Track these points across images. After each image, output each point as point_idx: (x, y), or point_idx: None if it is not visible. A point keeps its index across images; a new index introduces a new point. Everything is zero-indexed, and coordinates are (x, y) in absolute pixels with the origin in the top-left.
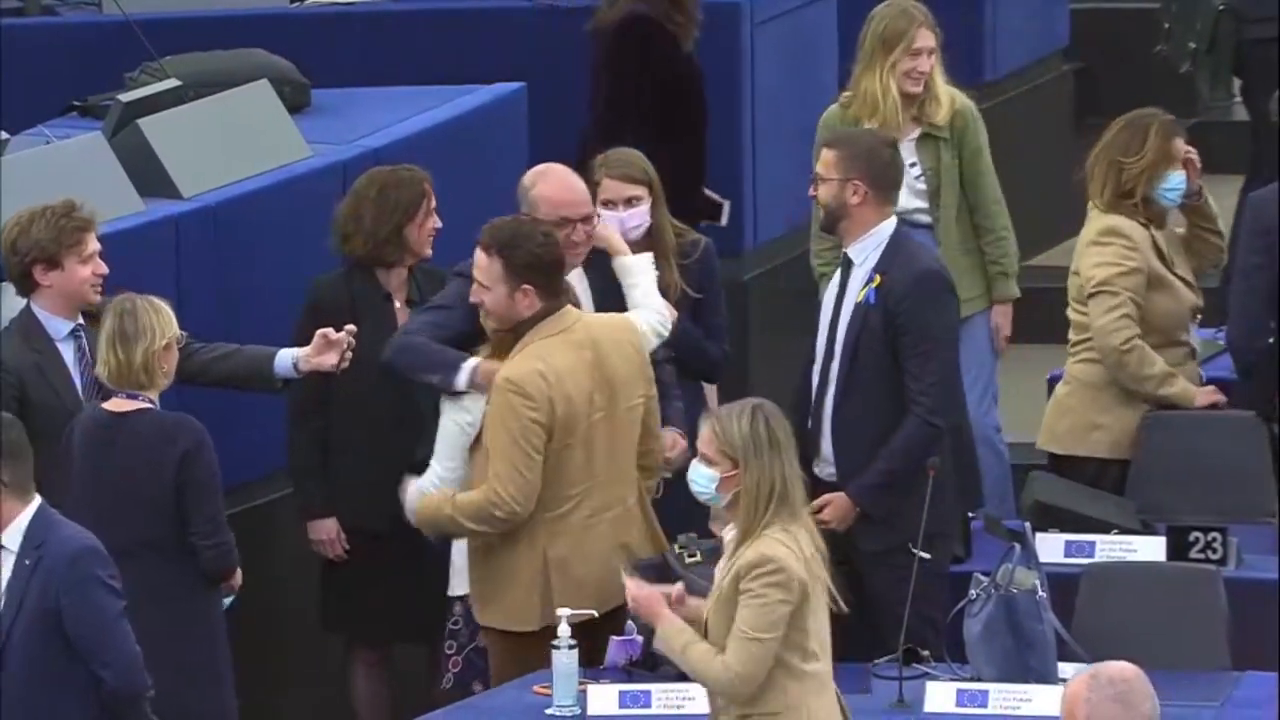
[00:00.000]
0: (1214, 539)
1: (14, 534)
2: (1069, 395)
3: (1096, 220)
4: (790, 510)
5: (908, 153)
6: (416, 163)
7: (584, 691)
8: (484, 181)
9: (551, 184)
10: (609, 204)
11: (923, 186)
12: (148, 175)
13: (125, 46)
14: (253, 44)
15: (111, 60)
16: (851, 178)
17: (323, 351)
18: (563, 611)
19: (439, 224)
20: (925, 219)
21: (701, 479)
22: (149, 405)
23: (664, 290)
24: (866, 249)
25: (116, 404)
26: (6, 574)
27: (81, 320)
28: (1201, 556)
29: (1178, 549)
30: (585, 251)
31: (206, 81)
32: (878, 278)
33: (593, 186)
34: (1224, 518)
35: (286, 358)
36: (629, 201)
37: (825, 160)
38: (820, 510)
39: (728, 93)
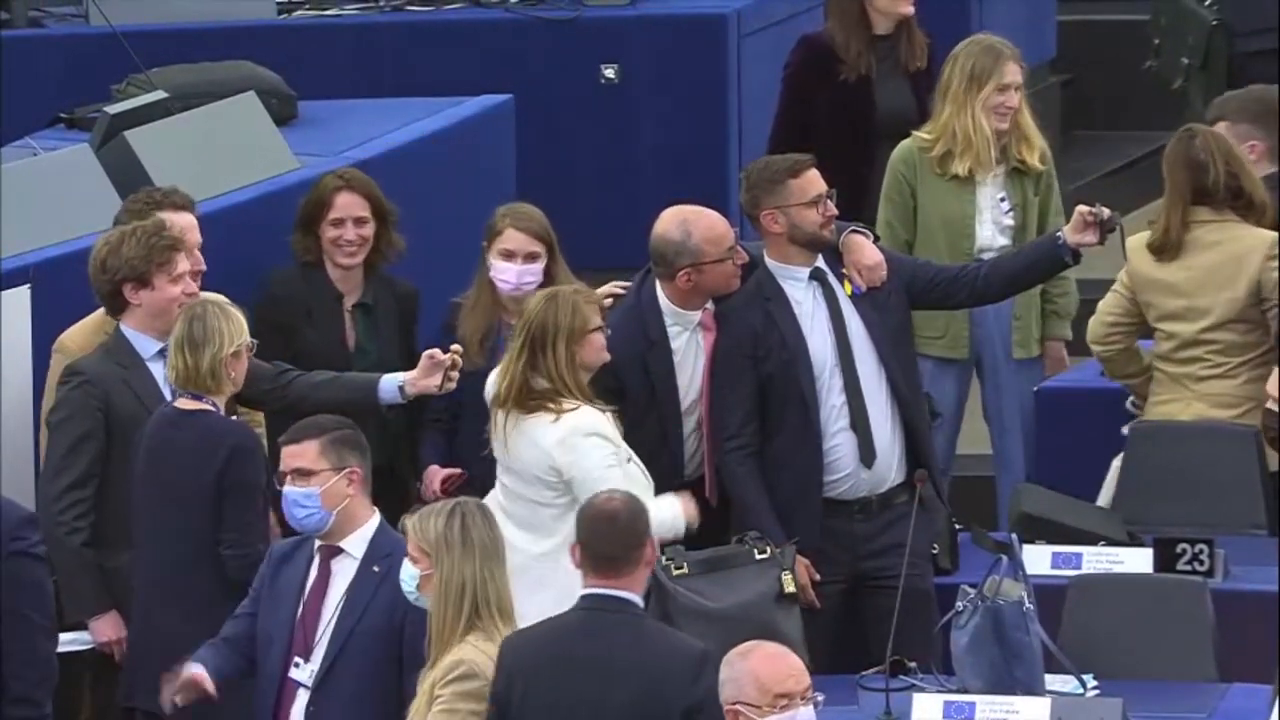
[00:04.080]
0: (1201, 550)
1: (359, 541)
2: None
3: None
4: (493, 617)
5: (996, 188)
6: (404, 174)
7: None
8: (471, 192)
9: (703, 226)
10: (510, 255)
11: (1011, 222)
12: (134, 187)
13: (112, 58)
14: (239, 56)
15: (98, 72)
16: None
17: (430, 373)
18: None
19: (351, 236)
20: None
21: (407, 577)
22: (210, 409)
23: None
24: (820, 260)
25: (183, 403)
26: (346, 580)
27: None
28: (1189, 568)
29: (1165, 561)
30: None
31: (193, 93)
32: (845, 271)
33: (493, 235)
34: (1211, 529)
35: (391, 383)
36: (530, 256)
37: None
38: None
39: (715, 103)
